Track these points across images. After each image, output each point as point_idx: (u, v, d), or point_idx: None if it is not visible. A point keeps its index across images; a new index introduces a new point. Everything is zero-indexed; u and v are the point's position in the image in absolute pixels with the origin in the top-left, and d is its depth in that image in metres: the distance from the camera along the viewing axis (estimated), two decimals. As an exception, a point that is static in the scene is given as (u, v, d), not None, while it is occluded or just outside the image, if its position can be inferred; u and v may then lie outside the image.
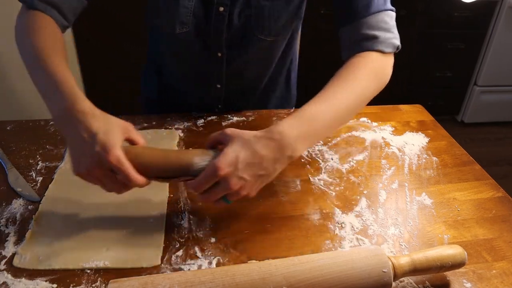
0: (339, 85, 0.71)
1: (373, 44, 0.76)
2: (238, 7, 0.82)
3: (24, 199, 0.73)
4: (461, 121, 2.84)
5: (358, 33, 0.77)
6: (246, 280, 0.54)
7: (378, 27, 0.77)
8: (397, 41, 0.80)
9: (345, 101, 0.70)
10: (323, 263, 0.57)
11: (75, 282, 0.59)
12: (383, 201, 0.77)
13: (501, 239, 0.70)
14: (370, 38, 0.76)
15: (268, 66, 0.97)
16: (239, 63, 0.92)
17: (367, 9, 0.77)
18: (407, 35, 2.47)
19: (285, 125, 0.63)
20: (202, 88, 0.98)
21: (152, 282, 0.54)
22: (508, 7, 2.39)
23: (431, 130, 0.98)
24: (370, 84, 0.73)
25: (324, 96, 0.69)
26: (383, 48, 0.76)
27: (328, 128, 0.69)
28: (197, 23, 0.83)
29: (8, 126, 0.92)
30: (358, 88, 0.71)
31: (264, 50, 0.91)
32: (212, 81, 0.95)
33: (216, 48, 0.88)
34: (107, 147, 0.57)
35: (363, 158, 0.88)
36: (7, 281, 0.59)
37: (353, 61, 0.75)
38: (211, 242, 0.66)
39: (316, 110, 0.67)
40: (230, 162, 0.59)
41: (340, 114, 0.69)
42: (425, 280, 0.62)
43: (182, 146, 0.88)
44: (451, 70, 2.63)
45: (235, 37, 0.86)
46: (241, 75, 0.96)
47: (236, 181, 0.59)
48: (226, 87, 0.96)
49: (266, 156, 0.61)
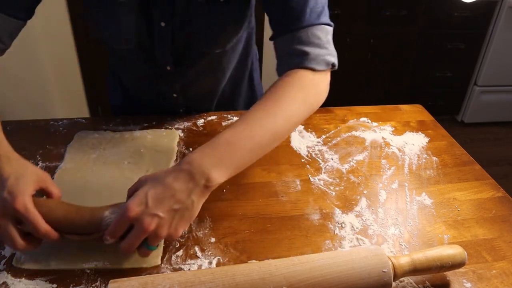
0: (264, 109, 0.66)
1: (303, 61, 0.72)
2: (180, 22, 0.80)
3: (24, 199, 0.73)
4: (461, 121, 2.84)
5: (289, 47, 0.73)
6: (246, 280, 0.54)
7: (309, 42, 0.72)
8: (331, 58, 0.74)
9: (270, 126, 0.65)
10: (323, 263, 0.57)
11: (75, 282, 0.59)
12: (383, 201, 0.77)
13: (501, 239, 0.70)
14: (300, 54, 0.72)
15: (224, 73, 0.95)
16: (190, 75, 0.90)
17: (298, 22, 0.72)
18: (407, 35, 2.47)
19: (196, 154, 0.60)
20: (159, 97, 0.96)
21: (152, 282, 0.54)
22: (508, 7, 2.40)
23: (431, 130, 0.98)
24: (298, 108, 0.69)
25: (246, 120, 0.65)
26: (314, 65, 0.71)
27: (249, 155, 0.64)
28: (141, 39, 0.81)
29: (8, 126, 0.92)
30: (284, 112, 0.67)
31: (215, 61, 0.89)
32: (168, 92, 0.94)
33: (164, 63, 0.86)
34: (15, 193, 0.54)
35: (363, 158, 0.88)
36: (7, 281, 0.59)
37: (283, 81, 0.71)
38: (211, 242, 0.67)
39: (234, 136, 0.63)
40: (140, 201, 0.56)
41: (263, 140, 0.65)
42: (425, 280, 0.62)
43: (182, 146, 0.88)
44: (451, 70, 2.63)
45: (181, 51, 0.84)
46: (196, 85, 0.94)
47: (150, 220, 0.55)
48: (183, 96, 0.95)
49: (178, 187, 0.57)
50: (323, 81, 0.74)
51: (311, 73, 0.72)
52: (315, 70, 0.72)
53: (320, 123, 0.98)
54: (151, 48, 0.83)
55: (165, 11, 0.78)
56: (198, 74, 0.90)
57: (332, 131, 0.96)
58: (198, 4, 0.77)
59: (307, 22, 0.72)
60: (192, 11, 0.78)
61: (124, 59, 0.90)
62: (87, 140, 0.88)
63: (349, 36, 2.40)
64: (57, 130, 0.92)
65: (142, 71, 0.91)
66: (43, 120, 0.94)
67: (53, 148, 0.86)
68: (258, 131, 0.64)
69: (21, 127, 0.92)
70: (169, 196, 0.57)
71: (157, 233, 0.57)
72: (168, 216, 0.57)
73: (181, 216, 0.58)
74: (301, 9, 0.72)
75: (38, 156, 0.83)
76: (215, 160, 0.60)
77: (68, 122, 0.94)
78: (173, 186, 0.57)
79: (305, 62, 0.71)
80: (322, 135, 0.94)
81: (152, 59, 0.85)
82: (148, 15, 0.78)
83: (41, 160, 0.82)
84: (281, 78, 0.72)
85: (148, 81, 0.93)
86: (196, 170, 0.59)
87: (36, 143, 0.87)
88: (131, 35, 0.80)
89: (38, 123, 0.94)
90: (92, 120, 0.95)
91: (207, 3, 0.77)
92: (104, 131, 0.91)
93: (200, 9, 0.78)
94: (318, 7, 0.74)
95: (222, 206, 0.74)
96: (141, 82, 0.96)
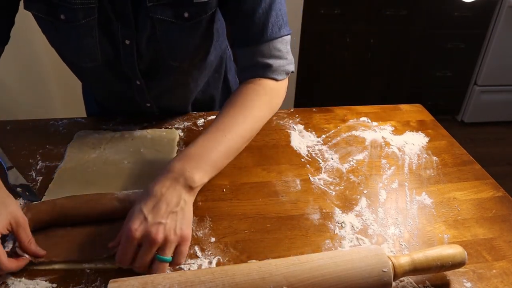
0: (234, 115, 0.74)
1: (266, 72, 0.79)
2: (145, 39, 0.78)
3: (24, 199, 0.73)
4: (461, 121, 2.84)
5: (252, 59, 0.79)
6: (246, 280, 0.54)
7: (271, 55, 0.78)
8: (290, 67, 0.82)
9: (240, 130, 0.73)
10: (323, 263, 0.57)
11: (75, 282, 0.59)
12: (383, 200, 0.77)
13: (501, 238, 0.70)
14: (263, 66, 0.79)
15: (196, 84, 0.95)
16: (161, 88, 0.89)
17: (261, 37, 0.77)
18: (407, 35, 2.47)
19: (176, 161, 0.66)
20: (133, 107, 0.95)
21: (152, 282, 0.54)
22: (508, 7, 2.39)
23: (431, 130, 0.98)
24: (263, 113, 0.78)
25: (218, 126, 0.72)
26: (276, 76, 0.79)
27: (224, 156, 0.71)
28: (107, 57, 0.80)
29: (8, 126, 0.92)
30: (252, 118, 0.75)
31: (186, 72, 0.88)
32: (141, 102, 0.93)
33: (133, 77, 0.85)
34: None
35: (363, 158, 0.88)
36: (7, 281, 0.59)
37: (247, 88, 0.78)
38: (211, 242, 0.67)
39: (209, 142, 0.69)
40: (139, 220, 0.58)
41: (235, 142, 0.72)
42: (425, 279, 0.62)
43: (182, 146, 0.88)
44: (451, 70, 2.63)
45: (149, 66, 0.83)
46: (169, 96, 0.93)
47: (155, 230, 0.58)
48: (156, 105, 0.95)
49: (168, 193, 0.61)
50: (283, 87, 0.83)
51: (273, 82, 0.80)
52: (277, 80, 0.80)
53: (320, 122, 0.98)
54: (118, 64, 0.82)
55: (128, 30, 0.77)
56: (169, 87, 0.89)
57: (332, 130, 0.96)
58: (161, 21, 0.75)
59: (269, 37, 0.78)
60: (155, 28, 0.76)
61: (93, 75, 0.88)
62: (87, 140, 0.88)
63: (349, 36, 2.40)
64: (57, 130, 0.92)
65: (112, 86, 0.89)
66: (43, 120, 0.94)
67: (53, 148, 0.86)
68: (230, 135, 0.71)
69: (21, 127, 0.92)
70: (163, 203, 0.60)
71: (168, 239, 0.58)
72: (171, 220, 0.59)
73: (182, 216, 0.61)
74: (262, 24, 0.77)
75: (38, 156, 0.83)
76: (193, 164, 0.66)
77: (68, 122, 0.94)
78: (162, 193, 0.61)
79: (268, 74, 0.79)
80: (322, 135, 0.94)
81: (120, 74, 0.84)
82: (112, 34, 0.77)
83: (41, 160, 0.82)
84: (246, 85, 0.79)
85: (120, 94, 0.92)
86: (178, 175, 0.64)
87: (36, 143, 0.87)
88: (95, 54, 0.79)
89: (38, 123, 0.94)
90: (92, 120, 0.95)
91: (170, 20, 0.76)
92: (104, 131, 0.91)
93: (163, 26, 0.76)
94: (279, 20, 0.78)
95: (222, 206, 0.74)
96: (112, 96, 0.95)
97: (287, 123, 0.97)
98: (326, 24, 2.35)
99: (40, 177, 0.78)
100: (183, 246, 0.60)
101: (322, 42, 2.40)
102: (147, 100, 0.92)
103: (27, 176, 0.78)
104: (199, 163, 0.66)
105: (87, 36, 0.76)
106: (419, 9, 2.39)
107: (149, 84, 0.87)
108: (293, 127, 0.96)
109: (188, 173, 0.64)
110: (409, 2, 2.36)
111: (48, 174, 0.79)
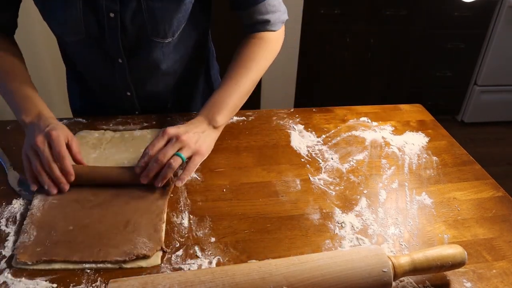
0: (244, 65, 0.88)
1: (266, 27, 0.92)
2: (129, 12, 0.81)
3: (24, 199, 0.73)
4: (461, 121, 2.84)
5: (252, 18, 0.91)
6: (246, 280, 0.54)
7: (268, 11, 0.91)
8: (284, 16, 0.95)
9: (249, 77, 0.88)
10: (323, 263, 0.57)
11: (75, 282, 0.59)
12: (383, 200, 0.77)
13: (501, 238, 0.70)
14: (262, 22, 0.92)
15: (175, 70, 0.96)
16: (142, 69, 0.91)
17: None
18: (407, 35, 2.47)
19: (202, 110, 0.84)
20: (114, 96, 0.97)
21: (152, 282, 0.54)
22: (508, 7, 2.39)
23: (431, 130, 0.98)
24: (266, 61, 0.92)
25: (231, 77, 0.87)
26: (273, 28, 0.93)
27: (238, 101, 0.87)
28: (90, 30, 0.82)
29: (8, 126, 0.92)
30: (257, 66, 0.89)
31: (166, 53, 0.90)
32: (121, 89, 0.95)
33: (115, 55, 0.87)
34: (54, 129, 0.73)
35: (363, 158, 0.88)
36: (7, 281, 0.59)
37: (250, 42, 0.92)
38: (211, 242, 0.67)
39: (226, 91, 0.85)
40: (173, 127, 0.78)
41: (246, 88, 0.87)
42: (425, 279, 0.62)
43: (182, 146, 0.88)
44: (451, 70, 2.63)
45: (132, 42, 0.86)
46: (150, 82, 0.95)
47: (184, 133, 0.76)
48: (136, 94, 0.96)
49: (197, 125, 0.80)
50: (281, 35, 0.96)
51: (272, 33, 0.93)
52: (275, 31, 0.94)
53: (320, 122, 0.98)
54: (102, 39, 0.84)
55: (113, 2, 0.79)
56: (149, 69, 0.92)
57: (332, 130, 0.96)
58: None
59: None
60: (141, 2, 0.80)
61: (77, 53, 0.91)
62: (87, 140, 0.88)
63: (349, 36, 2.39)
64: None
65: (95, 65, 0.92)
66: (43, 120, 0.94)
67: (53, 148, 0.86)
68: (241, 82, 0.87)
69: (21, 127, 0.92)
70: (191, 128, 0.79)
71: (189, 145, 0.76)
72: (194, 135, 0.78)
73: (204, 139, 0.80)
74: None
75: (38, 156, 0.83)
76: (214, 110, 0.83)
77: (68, 122, 0.93)
78: (194, 125, 0.80)
79: (267, 27, 0.93)
80: (322, 135, 0.94)
81: (103, 51, 0.87)
82: (96, 6, 0.80)
83: (41, 160, 0.82)
84: (249, 40, 0.92)
85: (101, 78, 0.95)
86: (203, 119, 0.83)
87: (36, 143, 0.86)
88: (79, 27, 0.81)
89: (38, 123, 0.93)
90: (92, 120, 0.95)
91: None
92: (104, 131, 0.91)
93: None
94: None
95: (222, 206, 0.74)
96: (95, 78, 0.97)
97: (287, 123, 0.98)
98: (326, 24, 2.35)
99: (40, 177, 0.78)
100: (196, 157, 0.78)
101: (322, 42, 2.40)
102: (127, 84, 0.93)
103: (27, 176, 0.78)
104: (219, 109, 0.83)
105: (71, 7, 0.79)
106: (419, 9, 2.39)
107: (131, 63, 0.89)
108: (293, 127, 0.96)
109: (211, 116, 0.82)
110: (409, 2, 2.36)
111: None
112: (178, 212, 0.72)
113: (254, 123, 0.97)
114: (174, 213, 0.72)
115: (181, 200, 0.74)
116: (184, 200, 0.74)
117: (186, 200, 0.74)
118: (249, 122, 0.98)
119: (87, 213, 0.70)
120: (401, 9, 2.38)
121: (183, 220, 0.70)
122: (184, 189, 0.77)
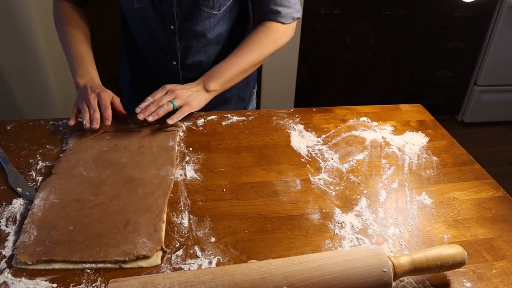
0: (248, 48, 1.01)
1: (276, 17, 1.03)
2: None
3: (24, 199, 0.73)
4: (461, 121, 2.84)
5: (266, 6, 1.03)
6: (246, 280, 0.54)
7: (281, 4, 1.02)
8: (296, 14, 1.05)
9: (250, 59, 1.00)
10: (323, 263, 0.57)
11: (75, 282, 0.59)
12: (383, 200, 0.77)
13: (501, 238, 0.70)
14: (274, 12, 1.02)
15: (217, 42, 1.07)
16: (190, 36, 1.03)
17: None
18: (407, 35, 2.47)
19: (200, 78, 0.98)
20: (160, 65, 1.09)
21: (152, 282, 0.54)
22: (508, 7, 2.39)
23: (431, 130, 0.98)
24: (269, 48, 1.03)
25: (234, 55, 1.00)
26: (283, 20, 1.03)
27: (234, 76, 0.99)
28: None
29: (8, 126, 0.92)
30: (259, 51, 1.01)
31: (211, 24, 1.02)
32: (169, 58, 1.06)
33: (169, 21, 1.00)
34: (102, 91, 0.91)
35: (363, 158, 0.88)
36: (7, 281, 0.59)
37: (259, 29, 1.03)
38: (211, 242, 0.67)
39: (225, 66, 0.99)
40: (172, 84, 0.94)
41: (245, 67, 1.00)
42: (425, 279, 0.62)
43: (182, 146, 0.88)
44: (451, 70, 2.63)
45: (184, 10, 0.99)
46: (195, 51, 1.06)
47: (178, 88, 0.93)
48: (181, 64, 1.07)
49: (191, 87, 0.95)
50: (289, 29, 1.06)
51: (281, 25, 1.04)
52: (284, 23, 1.03)
53: (320, 122, 0.98)
54: (160, 5, 0.98)
55: None
56: (196, 37, 1.04)
57: (332, 130, 0.96)
58: None
59: None
60: None
61: (136, 21, 1.05)
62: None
63: (349, 36, 2.39)
64: (57, 130, 0.92)
65: (150, 32, 1.04)
66: (43, 120, 0.95)
67: (53, 148, 0.86)
68: (242, 62, 1.00)
69: (21, 127, 0.92)
70: (187, 86, 0.96)
71: (180, 97, 0.92)
72: (187, 91, 0.94)
73: (195, 96, 0.95)
74: None
75: (38, 156, 0.83)
76: (209, 78, 0.98)
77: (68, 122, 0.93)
78: (189, 85, 0.96)
79: (278, 18, 1.03)
80: (322, 135, 0.94)
81: (160, 18, 1.00)
82: None
83: (41, 160, 0.82)
84: (259, 27, 1.04)
85: (153, 45, 1.07)
86: (200, 82, 0.97)
87: (36, 143, 0.87)
88: None
89: (38, 123, 0.94)
90: (92, 120, 0.95)
91: None
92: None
93: None
94: None
95: (222, 206, 0.74)
96: (147, 49, 1.09)
97: (287, 123, 0.98)
98: (326, 24, 2.35)
99: (40, 177, 0.78)
100: (186, 107, 0.92)
101: (322, 42, 2.40)
102: (175, 51, 1.05)
103: (27, 176, 0.78)
104: (214, 77, 0.97)
105: None
106: (419, 9, 2.39)
107: (181, 29, 1.02)
108: (293, 127, 0.96)
109: (205, 81, 0.97)
110: (409, 2, 2.36)
111: (48, 174, 0.79)
112: (178, 212, 0.72)
113: (254, 123, 0.97)
114: (174, 213, 0.72)
115: (181, 200, 0.75)
116: (184, 200, 0.74)
117: (186, 200, 0.74)
118: (249, 122, 0.98)
119: (87, 213, 0.70)
120: (401, 9, 2.38)
121: (183, 220, 0.70)
122: (184, 189, 0.77)
